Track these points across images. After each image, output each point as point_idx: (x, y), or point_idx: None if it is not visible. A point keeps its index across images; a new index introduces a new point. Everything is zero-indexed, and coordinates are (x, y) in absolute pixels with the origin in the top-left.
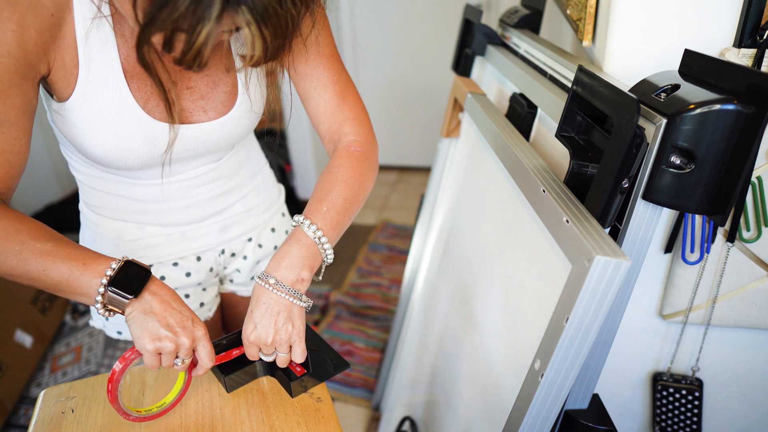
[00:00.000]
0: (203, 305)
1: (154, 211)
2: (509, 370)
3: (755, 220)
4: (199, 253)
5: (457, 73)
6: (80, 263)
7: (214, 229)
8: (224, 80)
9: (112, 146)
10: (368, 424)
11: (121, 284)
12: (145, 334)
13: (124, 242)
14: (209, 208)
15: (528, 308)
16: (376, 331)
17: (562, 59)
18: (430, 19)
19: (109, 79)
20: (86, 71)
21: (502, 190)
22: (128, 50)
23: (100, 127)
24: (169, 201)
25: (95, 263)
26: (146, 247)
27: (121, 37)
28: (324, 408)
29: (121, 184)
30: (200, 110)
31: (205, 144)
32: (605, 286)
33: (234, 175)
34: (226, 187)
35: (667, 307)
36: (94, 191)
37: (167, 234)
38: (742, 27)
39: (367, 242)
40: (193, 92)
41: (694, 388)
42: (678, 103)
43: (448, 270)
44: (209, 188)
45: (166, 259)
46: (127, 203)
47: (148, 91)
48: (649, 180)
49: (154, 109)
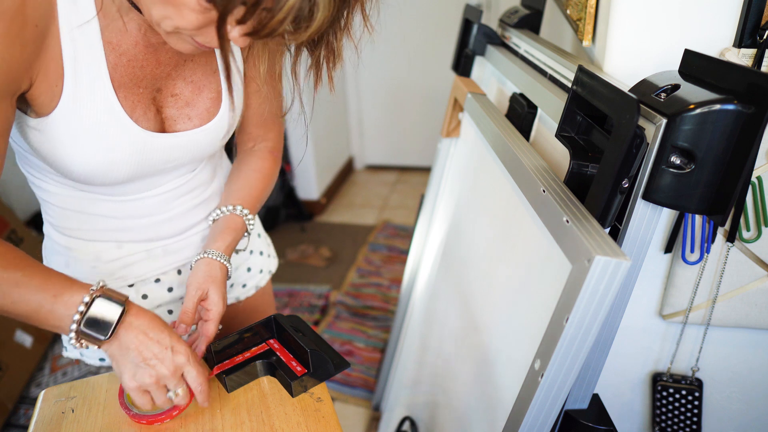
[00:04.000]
0: None
1: (134, 228)
2: (509, 370)
3: (755, 220)
4: (180, 267)
5: (457, 73)
6: (51, 295)
7: (196, 240)
8: (209, 86)
9: (100, 160)
10: (368, 424)
11: (94, 324)
12: (124, 373)
13: (103, 263)
14: (190, 218)
15: (528, 308)
16: (376, 331)
17: (562, 59)
18: (430, 19)
19: (96, 90)
20: (73, 83)
21: (502, 190)
22: (116, 57)
23: (88, 141)
24: (150, 215)
25: (67, 294)
26: (126, 266)
27: (108, 45)
28: (324, 408)
29: (97, 202)
30: (185, 118)
31: (190, 152)
32: (605, 286)
33: (210, 182)
34: (204, 195)
35: (667, 307)
36: (65, 212)
37: (148, 250)
38: (742, 27)
39: (367, 242)
40: (177, 99)
41: (693, 388)
42: (678, 103)
43: (448, 270)
44: (188, 198)
45: (148, 276)
46: (104, 222)
47: (135, 100)
48: (649, 180)
49: (141, 118)
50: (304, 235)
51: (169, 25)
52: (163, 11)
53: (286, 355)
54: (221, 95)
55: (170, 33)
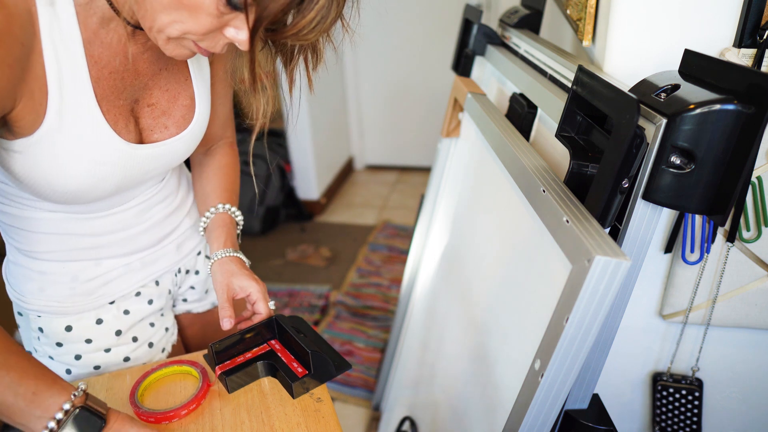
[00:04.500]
0: (168, 330)
1: (112, 243)
2: (509, 370)
3: (755, 220)
4: (157, 278)
5: (457, 73)
6: (29, 392)
7: (171, 249)
8: (183, 93)
9: (86, 176)
10: (368, 424)
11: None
12: None
13: (81, 283)
14: (166, 226)
15: (528, 308)
16: (376, 331)
17: (562, 59)
18: (430, 19)
19: (81, 105)
20: (58, 100)
21: (502, 190)
22: (98, 71)
23: (73, 158)
24: (126, 229)
25: (45, 394)
26: (106, 284)
27: (91, 58)
28: (324, 408)
29: (71, 222)
30: (162, 127)
31: (168, 162)
32: (605, 286)
33: (178, 189)
34: (175, 203)
35: (667, 307)
36: (35, 235)
37: (126, 264)
38: (742, 27)
39: (367, 242)
40: (154, 109)
41: (694, 388)
42: (678, 103)
43: (448, 270)
44: (161, 207)
45: (128, 291)
46: (80, 241)
47: (117, 113)
48: (649, 180)
49: (123, 130)
50: (304, 235)
51: (176, 30)
52: (174, 16)
53: (287, 356)
54: (195, 102)
55: (171, 39)
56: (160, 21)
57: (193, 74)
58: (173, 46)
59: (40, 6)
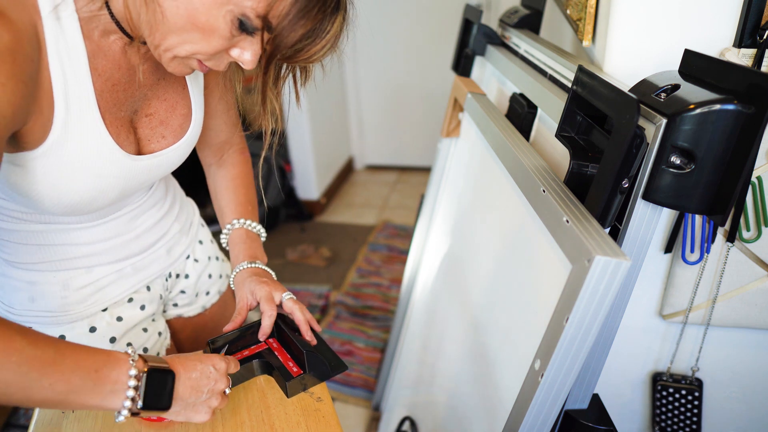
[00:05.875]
0: (161, 334)
1: (103, 251)
2: (509, 370)
3: (755, 220)
4: (149, 283)
5: (457, 73)
6: (92, 371)
7: (162, 253)
8: (180, 102)
9: (89, 188)
10: (368, 424)
11: (150, 401)
12: (195, 418)
13: (73, 291)
14: (157, 231)
15: (528, 308)
16: (376, 331)
17: (562, 59)
18: (430, 19)
19: (86, 118)
20: (63, 114)
21: (502, 190)
22: (102, 83)
23: (76, 170)
24: (118, 236)
25: (107, 368)
26: (98, 291)
27: (95, 71)
28: (324, 408)
29: (63, 232)
30: (159, 137)
31: (163, 171)
32: (605, 286)
33: (166, 194)
34: (164, 209)
35: (667, 307)
36: (26, 247)
37: (118, 270)
38: (742, 27)
39: (367, 242)
40: (152, 119)
41: (693, 388)
42: (678, 103)
43: (448, 270)
44: (152, 213)
45: (120, 297)
46: (72, 250)
47: (118, 125)
48: (649, 180)
49: (125, 142)
50: (304, 235)
51: (186, 51)
52: (185, 37)
53: (283, 355)
54: (191, 110)
55: (177, 57)
56: (170, 41)
57: (189, 83)
58: (177, 64)
59: (45, 20)
